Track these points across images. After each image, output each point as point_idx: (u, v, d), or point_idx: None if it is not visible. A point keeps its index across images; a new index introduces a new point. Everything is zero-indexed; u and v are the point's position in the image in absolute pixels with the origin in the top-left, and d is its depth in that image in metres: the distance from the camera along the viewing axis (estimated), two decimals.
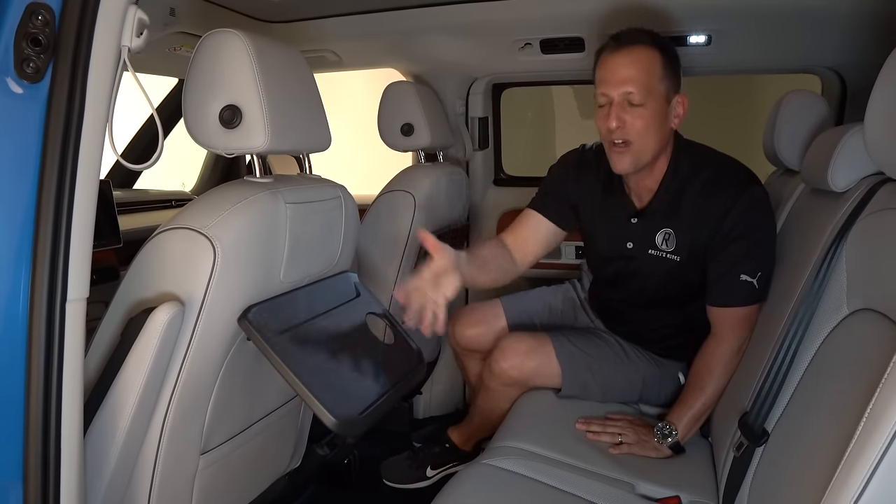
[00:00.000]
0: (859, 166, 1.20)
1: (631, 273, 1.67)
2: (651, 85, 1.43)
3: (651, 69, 1.44)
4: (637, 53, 1.44)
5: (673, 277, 1.60)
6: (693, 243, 1.53)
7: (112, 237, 1.77)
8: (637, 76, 1.43)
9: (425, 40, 2.20)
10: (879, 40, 1.77)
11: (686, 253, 1.55)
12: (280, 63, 1.16)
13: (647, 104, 1.43)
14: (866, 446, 0.71)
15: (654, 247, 1.59)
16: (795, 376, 1.12)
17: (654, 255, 1.59)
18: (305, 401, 1.08)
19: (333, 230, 1.34)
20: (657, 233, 1.58)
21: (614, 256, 1.68)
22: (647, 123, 1.44)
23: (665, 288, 1.63)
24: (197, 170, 2.97)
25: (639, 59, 1.44)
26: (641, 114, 1.44)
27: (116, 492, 1.08)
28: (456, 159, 2.49)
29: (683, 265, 1.56)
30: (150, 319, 1.00)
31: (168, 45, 2.00)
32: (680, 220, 1.54)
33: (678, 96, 1.49)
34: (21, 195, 0.83)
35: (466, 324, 1.92)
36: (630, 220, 1.62)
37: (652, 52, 1.45)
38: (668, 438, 1.48)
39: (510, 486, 1.31)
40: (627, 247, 1.64)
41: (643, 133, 1.45)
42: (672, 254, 1.57)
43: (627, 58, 1.44)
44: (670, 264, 1.58)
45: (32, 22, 0.81)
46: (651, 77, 1.43)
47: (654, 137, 1.47)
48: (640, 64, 1.44)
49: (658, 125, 1.46)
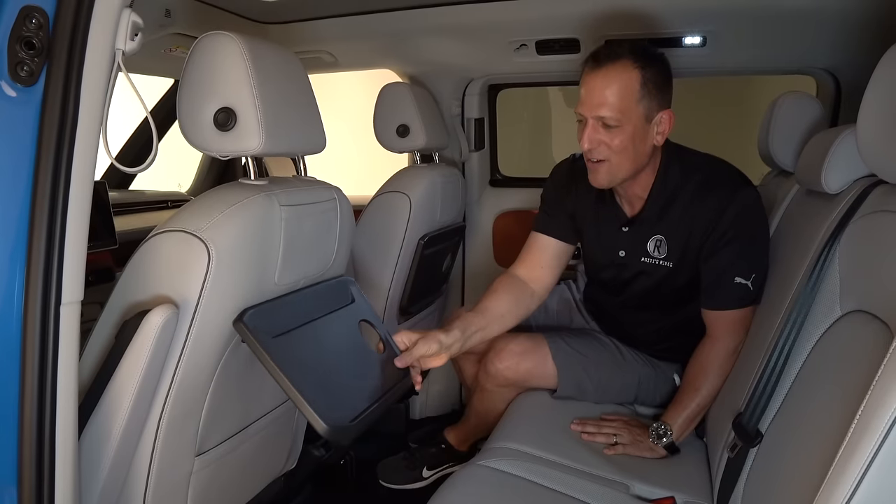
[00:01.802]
0: (852, 168, 1.20)
1: (624, 280, 1.67)
2: (626, 107, 1.40)
3: (627, 91, 1.40)
4: (614, 74, 1.40)
5: (666, 283, 1.60)
6: (685, 248, 1.54)
7: (108, 238, 1.77)
8: (611, 100, 1.40)
9: (421, 41, 2.20)
10: (874, 42, 1.77)
11: (678, 258, 1.56)
12: (275, 65, 1.16)
13: (623, 126, 1.41)
14: (857, 447, 0.72)
15: (646, 254, 1.59)
16: (789, 377, 1.13)
17: (647, 263, 1.60)
18: (297, 406, 1.07)
19: (328, 232, 1.34)
20: (649, 240, 1.58)
21: (607, 264, 1.69)
22: (622, 144, 1.43)
23: (659, 293, 1.64)
24: (193, 170, 2.97)
25: (615, 80, 1.40)
26: (616, 134, 1.42)
27: (111, 494, 1.08)
28: (452, 160, 2.49)
29: (676, 271, 1.57)
30: (144, 322, 1.00)
31: (163, 46, 2.00)
32: (671, 226, 1.54)
33: (663, 112, 1.45)
34: (15, 199, 0.83)
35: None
36: (622, 228, 1.62)
37: (631, 71, 1.40)
38: (662, 439, 1.49)
39: (505, 486, 1.31)
40: (620, 255, 1.64)
41: (618, 152, 1.44)
42: (664, 260, 1.57)
43: (604, 80, 1.41)
44: (663, 271, 1.58)
45: (26, 25, 0.81)
46: (627, 100, 1.40)
47: (630, 156, 1.45)
48: (615, 86, 1.40)
49: (635, 145, 1.44)
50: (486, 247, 2.62)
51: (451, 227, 2.25)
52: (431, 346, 1.38)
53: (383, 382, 1.28)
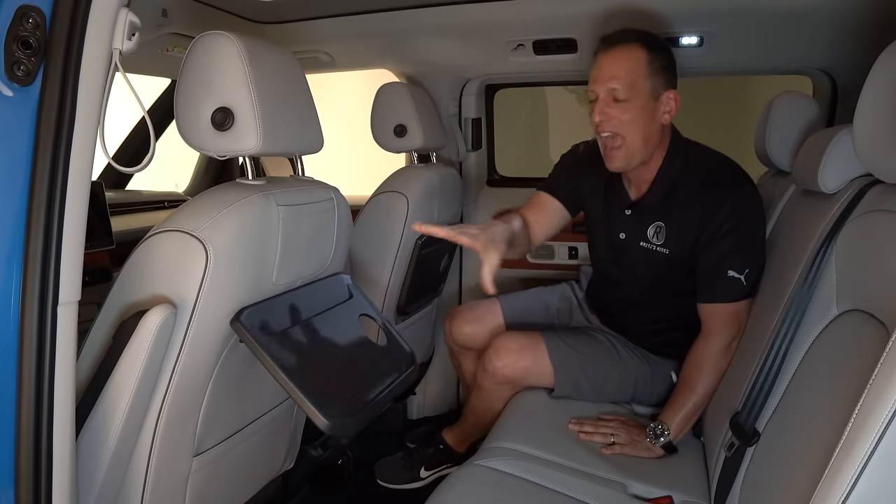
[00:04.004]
0: (849, 168, 1.21)
1: (624, 264, 1.71)
2: (635, 81, 1.49)
3: (635, 66, 1.49)
4: (622, 52, 1.51)
5: (662, 270, 1.63)
6: (683, 238, 1.57)
7: (105, 238, 1.77)
8: (620, 73, 1.49)
9: (418, 41, 2.20)
10: (870, 42, 1.78)
11: (675, 247, 1.59)
12: (272, 65, 1.16)
13: (632, 99, 1.49)
14: (854, 446, 0.72)
15: (645, 239, 1.63)
16: (786, 377, 1.13)
17: (645, 248, 1.63)
18: (298, 403, 1.08)
19: (326, 232, 1.34)
20: (649, 226, 1.62)
21: (608, 246, 1.73)
22: (632, 118, 1.50)
23: (656, 280, 1.67)
24: (190, 170, 2.96)
25: (623, 57, 1.51)
26: (626, 108, 1.50)
27: (109, 494, 1.08)
28: (449, 160, 2.49)
29: (672, 259, 1.60)
30: (142, 322, 0.99)
31: (160, 46, 2.00)
32: (671, 215, 1.58)
33: (669, 92, 1.53)
34: (12, 199, 0.83)
35: (463, 321, 1.95)
36: (625, 211, 1.67)
37: (637, 50, 1.50)
38: (660, 438, 1.49)
39: (503, 486, 1.31)
40: (620, 237, 1.68)
41: (629, 125, 1.50)
42: (661, 247, 1.61)
43: (613, 57, 1.52)
44: (659, 257, 1.61)
45: (23, 25, 0.81)
46: (635, 74, 1.49)
47: (642, 131, 1.52)
48: (623, 62, 1.50)
49: (645, 119, 1.51)
50: None
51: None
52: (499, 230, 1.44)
53: (384, 376, 1.29)
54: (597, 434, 1.53)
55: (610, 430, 1.53)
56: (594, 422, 1.57)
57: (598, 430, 1.54)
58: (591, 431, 1.54)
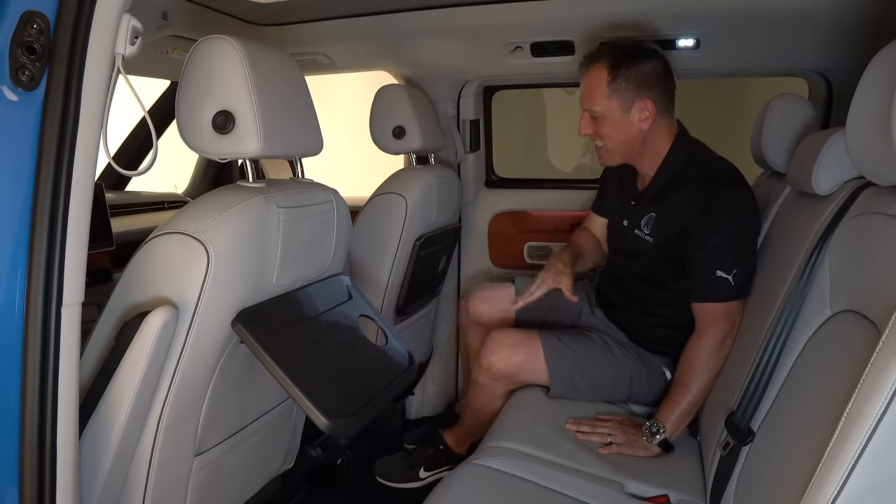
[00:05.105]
0: (842, 170, 1.22)
1: (624, 250, 1.80)
2: (599, 101, 1.64)
3: (597, 88, 1.63)
4: (589, 75, 1.66)
5: (647, 258, 1.71)
6: (667, 230, 1.63)
7: (105, 239, 1.77)
8: (589, 96, 1.66)
9: (416, 43, 2.21)
10: (865, 44, 1.79)
11: (659, 237, 1.66)
12: (272, 68, 1.17)
13: (604, 115, 1.64)
14: (844, 445, 0.73)
15: (639, 227, 1.72)
16: (780, 377, 1.14)
17: (637, 235, 1.72)
18: (298, 403, 1.09)
19: (326, 234, 1.35)
20: (645, 216, 1.70)
21: (615, 230, 1.88)
22: (608, 131, 1.66)
23: (642, 268, 1.75)
24: (189, 171, 2.97)
25: (589, 79, 1.66)
26: (601, 123, 1.66)
27: (111, 494, 1.09)
28: (447, 162, 2.50)
29: (655, 248, 1.67)
30: (144, 324, 1.00)
31: (160, 47, 2.00)
32: (665, 208, 1.65)
33: (640, 101, 1.61)
34: (17, 201, 0.84)
35: (481, 298, 2.07)
36: (630, 201, 1.77)
37: (599, 71, 1.63)
38: (656, 436, 1.51)
39: (501, 486, 1.32)
40: (623, 224, 1.79)
41: (606, 137, 1.67)
42: (648, 236, 1.69)
43: (584, 79, 1.68)
44: (647, 246, 1.69)
45: (27, 30, 0.82)
46: (598, 95, 1.63)
47: (620, 137, 1.66)
48: (589, 85, 1.66)
49: (620, 130, 1.65)
50: (481, 248, 2.63)
51: (446, 228, 2.26)
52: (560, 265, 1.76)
53: (383, 375, 1.30)
54: (594, 434, 1.54)
55: (607, 430, 1.54)
56: (591, 422, 1.59)
57: (595, 429, 1.55)
58: (588, 431, 1.55)
